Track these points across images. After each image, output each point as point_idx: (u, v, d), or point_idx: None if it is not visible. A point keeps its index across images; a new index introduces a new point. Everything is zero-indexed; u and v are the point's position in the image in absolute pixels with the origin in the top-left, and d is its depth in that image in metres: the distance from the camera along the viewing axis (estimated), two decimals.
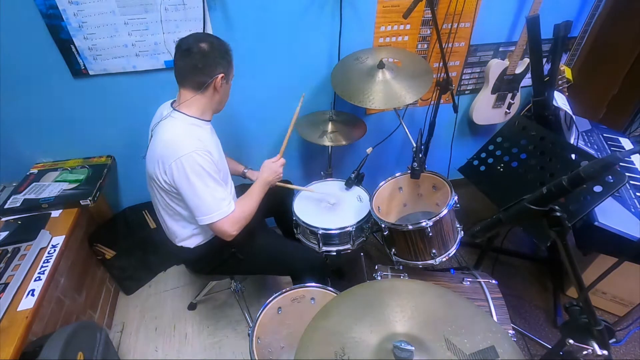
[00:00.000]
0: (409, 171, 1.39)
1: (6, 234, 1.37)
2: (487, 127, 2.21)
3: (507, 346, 0.68)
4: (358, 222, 1.41)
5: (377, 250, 2.12)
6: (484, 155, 1.46)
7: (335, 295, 1.17)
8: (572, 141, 1.55)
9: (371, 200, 1.40)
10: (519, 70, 1.95)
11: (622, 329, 1.36)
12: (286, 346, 1.24)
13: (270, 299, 1.18)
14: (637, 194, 1.37)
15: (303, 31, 1.63)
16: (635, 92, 1.95)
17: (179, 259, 1.82)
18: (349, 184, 1.62)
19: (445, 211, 1.20)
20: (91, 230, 1.77)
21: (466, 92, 2.12)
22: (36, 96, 1.49)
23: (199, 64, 1.11)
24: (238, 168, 1.60)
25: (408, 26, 1.75)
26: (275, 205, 1.61)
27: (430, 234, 1.21)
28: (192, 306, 1.84)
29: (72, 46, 1.41)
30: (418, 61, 1.61)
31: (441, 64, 1.57)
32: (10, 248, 1.31)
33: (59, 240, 1.38)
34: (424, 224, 1.20)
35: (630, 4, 1.86)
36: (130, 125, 1.66)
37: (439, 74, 1.78)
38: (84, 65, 1.46)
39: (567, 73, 1.96)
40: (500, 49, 1.97)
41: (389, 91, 1.48)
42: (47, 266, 1.27)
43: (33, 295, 1.17)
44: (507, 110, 2.11)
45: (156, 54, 1.50)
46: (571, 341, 0.79)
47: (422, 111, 2.06)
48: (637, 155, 1.57)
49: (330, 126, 1.69)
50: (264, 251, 1.42)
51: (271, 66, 1.68)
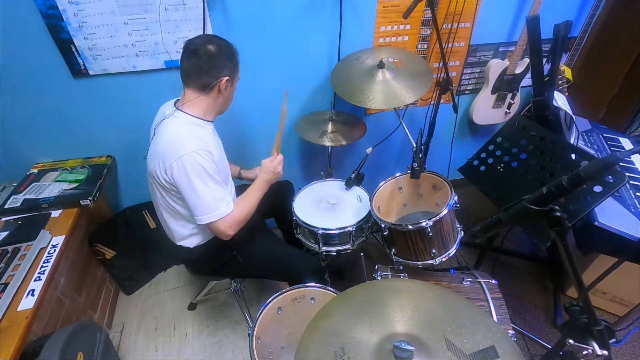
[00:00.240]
0: (409, 171, 1.39)
1: (6, 234, 1.37)
2: (487, 127, 2.21)
3: (507, 346, 0.68)
4: (358, 222, 1.41)
5: (377, 250, 2.12)
6: (484, 155, 1.46)
7: (335, 295, 1.17)
8: (572, 141, 1.55)
9: (371, 200, 1.40)
10: (519, 70, 1.95)
11: (622, 329, 1.37)
12: (286, 346, 1.24)
13: (270, 299, 1.18)
14: (637, 194, 1.37)
15: (303, 31, 1.63)
16: (635, 92, 1.95)
17: (178, 259, 1.82)
18: (349, 184, 1.62)
19: (445, 211, 1.20)
20: (91, 230, 1.77)
21: (466, 92, 2.12)
22: (36, 96, 1.49)
23: (204, 65, 1.11)
24: (234, 169, 1.60)
25: (408, 26, 1.75)
26: (275, 206, 1.61)
27: (430, 234, 1.21)
28: (192, 306, 1.84)
29: (72, 46, 1.41)
30: (418, 61, 1.61)
31: (441, 64, 1.57)
32: (10, 248, 1.31)
33: (59, 240, 1.38)
34: (424, 224, 1.20)
35: (630, 4, 1.86)
36: (130, 125, 1.66)
37: (439, 74, 1.78)
38: (84, 65, 1.46)
39: (567, 73, 1.96)
40: (500, 49, 1.97)
41: (389, 91, 1.48)
42: (47, 266, 1.27)
43: (33, 295, 1.17)
44: (507, 110, 2.11)
45: (156, 54, 1.50)
46: (571, 341, 0.79)
47: (422, 111, 2.06)
48: (637, 155, 1.57)
49: (330, 126, 1.69)
50: (263, 255, 1.42)
51: (271, 66, 1.68)
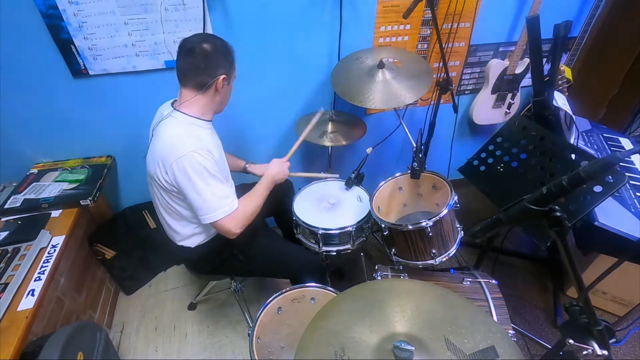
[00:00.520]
0: (409, 171, 1.39)
1: (6, 234, 1.37)
2: (487, 127, 2.21)
3: (507, 346, 0.68)
4: (358, 222, 1.41)
5: (377, 250, 2.12)
6: (484, 155, 1.46)
7: (335, 295, 1.17)
8: (572, 141, 1.55)
9: (371, 200, 1.40)
10: (519, 70, 1.95)
11: (622, 329, 1.37)
12: (286, 346, 1.24)
13: (270, 299, 1.18)
14: (637, 194, 1.37)
15: (303, 31, 1.63)
16: (635, 92, 1.95)
17: (179, 259, 1.82)
18: (349, 184, 1.62)
19: (445, 211, 1.20)
20: (91, 230, 1.77)
21: (466, 92, 2.12)
22: (36, 96, 1.49)
23: (201, 64, 1.11)
24: (239, 164, 1.59)
25: (408, 26, 1.75)
26: (275, 205, 1.61)
27: (430, 234, 1.21)
28: (192, 306, 1.84)
29: (72, 46, 1.41)
30: (418, 61, 1.61)
31: (441, 64, 1.57)
32: (10, 248, 1.31)
33: (59, 240, 1.38)
34: (424, 224, 1.20)
35: (630, 4, 1.86)
36: (130, 125, 1.66)
37: (439, 74, 1.78)
38: (84, 65, 1.46)
39: (567, 73, 1.96)
40: (500, 49, 1.97)
41: (389, 91, 1.48)
42: (47, 266, 1.27)
43: (33, 295, 1.17)
44: (507, 110, 2.11)
45: (156, 54, 1.50)
46: (571, 341, 0.79)
47: (422, 111, 2.06)
48: (637, 155, 1.57)
49: (330, 126, 1.69)
50: (264, 253, 1.42)
51: (271, 66, 1.68)
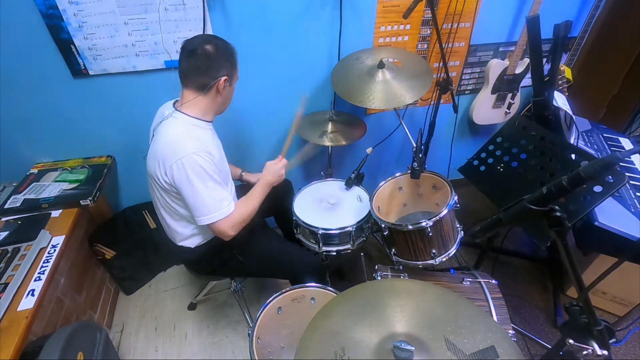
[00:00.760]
0: (409, 171, 1.39)
1: (6, 234, 1.37)
2: (487, 127, 2.21)
3: (507, 346, 0.68)
4: (358, 222, 1.41)
5: (377, 250, 2.12)
6: (484, 155, 1.46)
7: (335, 295, 1.17)
8: (572, 141, 1.55)
9: (371, 200, 1.40)
10: (519, 70, 1.95)
11: (622, 329, 1.37)
12: (286, 346, 1.24)
13: (270, 299, 1.18)
14: (637, 194, 1.37)
15: (303, 31, 1.63)
16: (635, 92, 1.95)
17: (179, 259, 1.82)
18: (349, 184, 1.62)
19: (445, 211, 1.20)
20: (91, 230, 1.77)
21: (466, 92, 2.12)
22: (36, 96, 1.49)
23: (202, 65, 1.11)
24: (235, 171, 1.59)
25: (408, 26, 1.75)
26: (275, 205, 1.61)
27: (430, 234, 1.21)
28: (192, 306, 1.84)
29: (72, 46, 1.41)
30: (418, 61, 1.61)
31: (441, 64, 1.57)
32: (10, 248, 1.31)
33: (59, 240, 1.38)
34: (424, 224, 1.20)
35: (630, 4, 1.86)
36: (130, 125, 1.66)
37: (439, 74, 1.78)
38: (84, 65, 1.46)
39: (567, 73, 1.96)
40: (500, 49, 1.97)
41: (389, 91, 1.48)
42: (47, 266, 1.27)
43: (33, 295, 1.17)
44: (507, 110, 2.11)
45: (156, 54, 1.50)
46: (571, 341, 0.79)
47: (422, 111, 2.06)
48: (637, 155, 1.57)
49: (330, 126, 1.69)
50: (264, 253, 1.42)
51: (271, 66, 1.68)
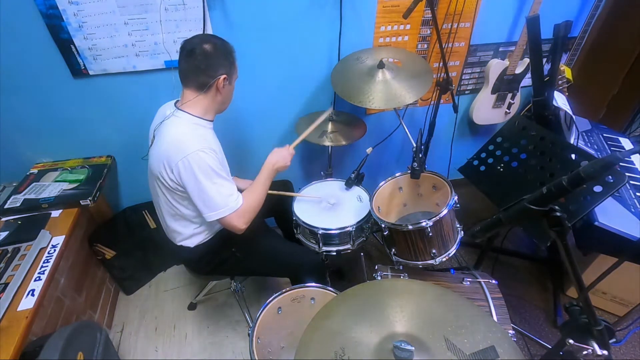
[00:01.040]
0: (409, 171, 1.39)
1: (6, 234, 1.37)
2: (487, 127, 2.21)
3: (507, 346, 0.68)
4: (358, 222, 1.41)
5: (377, 250, 2.12)
6: (484, 155, 1.46)
7: (335, 295, 1.17)
8: (572, 141, 1.55)
9: (371, 200, 1.40)
10: (519, 70, 1.95)
11: (622, 329, 1.37)
12: (286, 346, 1.24)
13: (270, 299, 1.18)
14: (637, 194, 1.37)
15: (303, 31, 1.63)
16: (635, 92, 1.95)
17: (179, 259, 1.82)
18: (349, 184, 1.62)
19: (445, 211, 1.20)
20: (91, 230, 1.77)
21: (466, 92, 2.12)
22: (36, 96, 1.50)
23: (201, 65, 1.12)
24: None
25: (408, 26, 1.75)
26: (275, 205, 1.60)
27: (430, 234, 1.21)
28: (192, 306, 1.84)
29: (72, 46, 1.41)
30: (418, 61, 1.61)
31: (441, 64, 1.57)
32: (10, 248, 1.31)
33: (59, 240, 1.38)
34: (424, 224, 1.20)
35: (630, 3, 1.86)
36: (130, 125, 1.66)
37: (439, 74, 1.77)
38: (84, 65, 1.46)
39: (567, 73, 1.96)
40: (500, 49, 1.97)
41: (389, 91, 1.48)
42: (47, 266, 1.27)
43: (33, 295, 1.17)
44: (507, 110, 2.11)
45: (156, 54, 1.50)
46: (571, 341, 0.79)
47: (422, 111, 2.06)
48: (637, 155, 1.57)
49: (330, 126, 1.69)
50: (264, 252, 1.42)
51: (271, 66, 1.68)
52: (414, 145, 1.44)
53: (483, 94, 2.04)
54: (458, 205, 1.28)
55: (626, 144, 1.67)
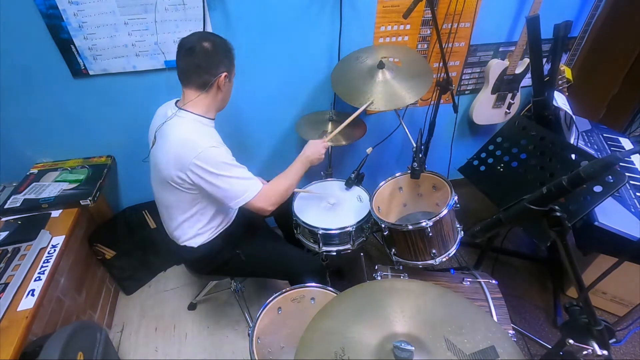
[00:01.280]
0: (409, 171, 1.39)
1: (6, 234, 1.37)
2: (487, 127, 2.21)
3: (507, 346, 0.68)
4: (358, 222, 1.41)
5: (377, 250, 2.12)
6: (484, 155, 1.46)
7: (335, 295, 1.17)
8: (572, 141, 1.55)
9: (371, 200, 1.40)
10: (519, 70, 1.95)
11: (622, 329, 1.37)
12: (286, 346, 1.24)
13: (270, 299, 1.18)
14: (637, 194, 1.37)
15: (303, 31, 1.63)
16: (635, 92, 1.95)
17: (180, 259, 1.82)
18: (349, 184, 1.62)
19: (445, 211, 1.20)
20: (91, 230, 1.77)
21: (466, 92, 2.12)
22: (36, 96, 1.50)
23: (202, 63, 1.11)
24: None
25: (408, 26, 1.75)
26: None
27: (430, 234, 1.21)
28: (192, 306, 1.84)
29: (72, 46, 1.41)
30: (418, 60, 1.60)
31: (441, 64, 1.57)
32: (10, 248, 1.31)
33: (59, 240, 1.38)
34: (424, 224, 1.20)
35: (630, 4, 1.86)
36: (130, 125, 1.66)
37: (439, 74, 1.78)
38: (84, 65, 1.46)
39: (567, 73, 1.96)
40: (500, 49, 1.97)
41: (389, 92, 1.48)
42: (47, 266, 1.27)
43: (33, 295, 1.17)
44: (507, 110, 2.11)
45: (156, 54, 1.50)
46: (571, 341, 0.79)
47: (422, 111, 2.06)
48: (637, 155, 1.57)
49: (330, 126, 1.69)
50: (264, 254, 1.42)
51: (271, 66, 1.68)
52: (414, 145, 1.44)
53: (483, 94, 2.04)
54: (458, 205, 1.28)
55: (626, 144, 1.67)
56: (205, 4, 1.43)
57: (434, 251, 1.25)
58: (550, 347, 1.53)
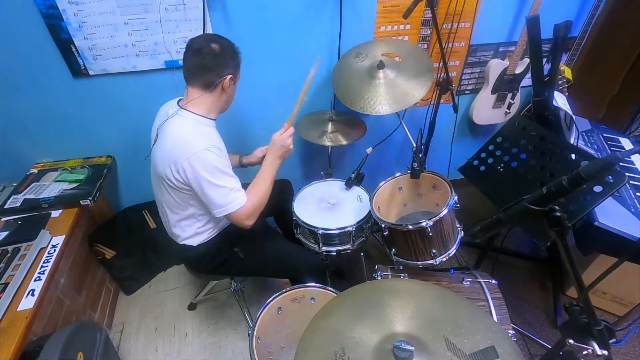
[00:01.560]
0: (409, 171, 1.39)
1: (6, 234, 1.37)
2: (487, 127, 2.21)
3: (507, 346, 0.68)
4: (358, 222, 1.41)
5: (377, 250, 2.12)
6: (484, 155, 1.46)
7: (335, 295, 1.17)
8: (572, 141, 1.55)
9: (371, 200, 1.40)
10: (519, 70, 1.95)
11: (622, 329, 1.37)
12: (286, 346, 1.24)
13: (270, 299, 1.18)
14: (637, 194, 1.37)
15: (303, 31, 1.63)
16: (635, 92, 1.95)
17: (180, 258, 1.82)
18: (349, 184, 1.62)
19: (445, 211, 1.20)
20: (91, 230, 1.77)
21: (466, 92, 2.12)
22: (36, 96, 1.50)
23: (209, 63, 1.12)
24: (234, 159, 1.58)
25: (408, 26, 1.75)
26: (275, 205, 1.60)
27: (430, 234, 1.21)
28: (192, 306, 1.84)
29: (72, 46, 1.41)
30: (418, 54, 1.58)
31: (441, 64, 1.57)
32: (10, 248, 1.31)
33: (59, 240, 1.38)
34: (424, 224, 1.19)
35: (630, 4, 1.86)
36: (130, 125, 1.66)
37: (439, 74, 1.78)
38: (84, 65, 1.46)
39: (567, 73, 1.96)
40: (500, 49, 1.97)
41: (395, 92, 1.47)
42: (47, 266, 1.27)
43: (33, 295, 1.17)
44: (507, 110, 2.11)
45: (156, 54, 1.50)
46: (571, 341, 0.79)
47: (422, 111, 2.06)
48: (637, 155, 1.57)
49: (330, 126, 1.69)
50: (264, 253, 1.42)
51: (271, 66, 1.68)
52: (414, 145, 1.44)
53: (483, 94, 2.04)
54: (458, 205, 1.28)
55: (626, 144, 1.67)
56: (205, 4, 1.43)
57: (434, 251, 1.25)
58: (550, 347, 1.53)
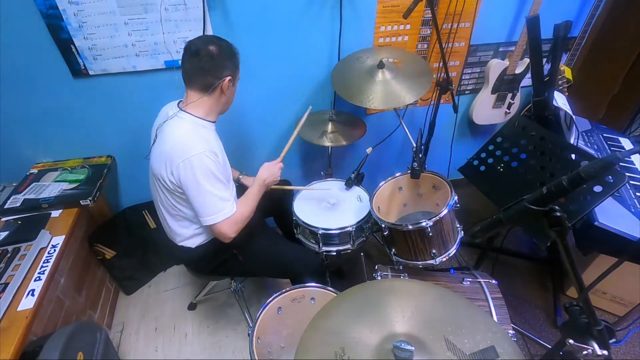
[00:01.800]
0: (409, 171, 1.39)
1: (6, 234, 1.37)
2: (487, 127, 2.21)
3: (507, 346, 0.68)
4: (358, 222, 1.41)
5: (377, 250, 2.12)
6: (484, 155, 1.46)
7: (335, 295, 1.17)
8: (572, 141, 1.55)
9: (371, 200, 1.40)
10: (519, 70, 1.95)
11: (622, 329, 1.37)
12: (286, 346, 1.24)
13: (270, 299, 1.18)
14: (637, 194, 1.37)
15: (303, 31, 1.63)
16: (635, 92, 1.95)
17: (179, 259, 1.82)
18: (349, 184, 1.62)
19: (445, 211, 1.20)
20: (91, 230, 1.77)
21: (466, 92, 2.12)
22: (36, 96, 1.49)
23: (206, 66, 1.12)
24: (233, 174, 1.59)
25: (408, 26, 1.75)
26: (274, 205, 1.61)
27: (430, 234, 1.21)
28: (192, 306, 1.84)
29: (72, 46, 1.41)
30: (418, 61, 1.61)
31: (441, 64, 1.57)
32: (10, 248, 1.31)
33: (59, 240, 1.38)
34: (424, 224, 1.20)
35: (630, 4, 1.86)
36: (130, 125, 1.66)
37: (439, 74, 1.77)
38: (84, 65, 1.46)
39: (567, 73, 1.96)
40: (500, 49, 1.97)
41: (388, 91, 1.48)
42: (47, 266, 1.27)
43: (33, 295, 1.17)
44: (507, 110, 2.11)
45: (156, 54, 1.50)
46: (571, 341, 0.79)
47: (422, 111, 2.06)
48: (637, 155, 1.57)
49: (330, 126, 1.69)
50: (264, 253, 1.42)
51: (271, 66, 1.68)
52: (414, 145, 1.44)
53: (483, 94, 2.04)
54: (458, 205, 1.28)
55: (626, 144, 1.67)
56: (205, 4, 1.43)
57: (434, 251, 1.25)
58: (550, 347, 1.53)
